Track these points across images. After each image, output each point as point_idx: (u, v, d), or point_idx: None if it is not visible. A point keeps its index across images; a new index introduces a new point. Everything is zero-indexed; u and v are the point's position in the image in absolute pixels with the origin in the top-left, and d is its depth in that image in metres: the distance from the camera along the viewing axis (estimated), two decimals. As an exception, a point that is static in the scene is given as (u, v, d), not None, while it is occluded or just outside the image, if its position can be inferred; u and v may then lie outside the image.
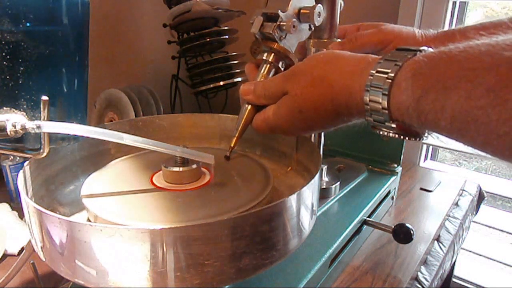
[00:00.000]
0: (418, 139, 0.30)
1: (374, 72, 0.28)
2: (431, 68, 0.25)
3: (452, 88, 0.23)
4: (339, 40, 0.48)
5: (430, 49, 0.27)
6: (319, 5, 0.40)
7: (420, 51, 0.27)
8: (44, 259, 0.29)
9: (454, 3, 0.89)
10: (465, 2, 0.90)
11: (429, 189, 0.76)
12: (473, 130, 0.22)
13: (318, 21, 0.40)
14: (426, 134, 0.30)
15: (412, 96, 0.25)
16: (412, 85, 0.25)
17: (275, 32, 0.38)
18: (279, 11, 0.38)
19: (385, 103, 0.27)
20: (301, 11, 0.39)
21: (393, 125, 0.29)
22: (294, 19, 0.39)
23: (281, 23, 0.38)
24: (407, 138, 0.30)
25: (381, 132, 0.30)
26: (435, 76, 0.24)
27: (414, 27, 0.45)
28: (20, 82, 0.30)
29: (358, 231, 0.53)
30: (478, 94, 0.21)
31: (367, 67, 0.29)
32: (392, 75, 0.27)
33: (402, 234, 0.50)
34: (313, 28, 0.42)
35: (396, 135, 0.29)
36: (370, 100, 0.28)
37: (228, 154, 0.41)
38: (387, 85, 0.27)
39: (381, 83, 0.27)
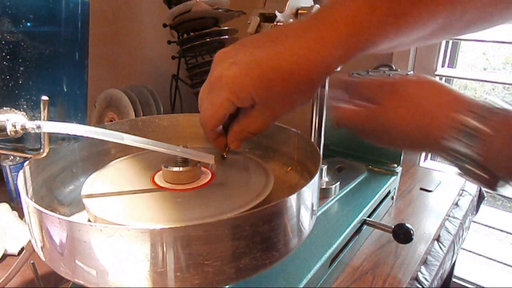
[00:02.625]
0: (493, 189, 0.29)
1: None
2: None
3: None
4: None
5: None
6: (317, 5, 0.40)
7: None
8: (44, 259, 0.29)
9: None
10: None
11: (429, 189, 0.76)
12: None
13: None
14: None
15: None
16: None
17: None
18: (276, 11, 0.38)
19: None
20: (299, 11, 0.39)
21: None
22: (291, 20, 0.39)
23: (278, 23, 0.38)
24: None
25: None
26: None
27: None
28: (20, 82, 0.30)
29: (358, 231, 0.53)
30: None
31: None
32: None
33: (402, 234, 0.50)
34: None
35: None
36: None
37: (224, 154, 0.41)
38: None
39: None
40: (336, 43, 0.30)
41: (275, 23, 0.38)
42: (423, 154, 0.99)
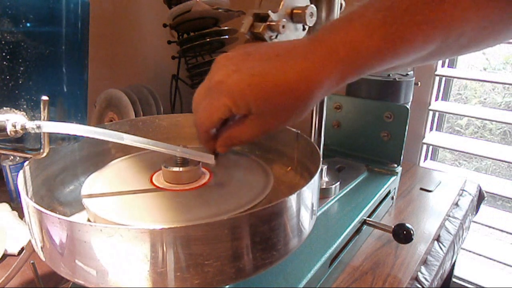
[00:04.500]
0: None
1: None
2: None
3: None
4: None
5: None
6: (312, 5, 0.39)
7: None
8: (44, 259, 0.29)
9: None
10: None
11: (429, 189, 0.76)
12: None
13: (311, 21, 0.40)
14: None
15: None
16: None
17: (264, 32, 0.38)
18: (270, 11, 0.38)
19: None
20: (294, 11, 0.39)
21: None
22: (284, 19, 0.39)
23: (271, 23, 0.38)
24: None
25: None
26: None
27: None
28: (20, 82, 0.30)
29: (358, 231, 0.53)
30: None
31: None
32: None
33: (402, 234, 0.50)
34: (307, 28, 0.42)
35: None
36: None
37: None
38: None
39: None
40: (335, 66, 0.31)
41: (267, 22, 0.38)
42: (423, 154, 0.99)
